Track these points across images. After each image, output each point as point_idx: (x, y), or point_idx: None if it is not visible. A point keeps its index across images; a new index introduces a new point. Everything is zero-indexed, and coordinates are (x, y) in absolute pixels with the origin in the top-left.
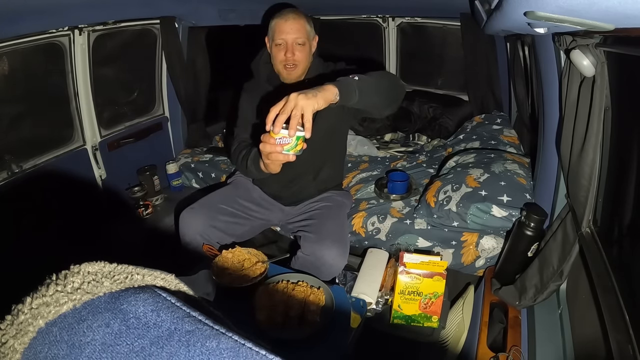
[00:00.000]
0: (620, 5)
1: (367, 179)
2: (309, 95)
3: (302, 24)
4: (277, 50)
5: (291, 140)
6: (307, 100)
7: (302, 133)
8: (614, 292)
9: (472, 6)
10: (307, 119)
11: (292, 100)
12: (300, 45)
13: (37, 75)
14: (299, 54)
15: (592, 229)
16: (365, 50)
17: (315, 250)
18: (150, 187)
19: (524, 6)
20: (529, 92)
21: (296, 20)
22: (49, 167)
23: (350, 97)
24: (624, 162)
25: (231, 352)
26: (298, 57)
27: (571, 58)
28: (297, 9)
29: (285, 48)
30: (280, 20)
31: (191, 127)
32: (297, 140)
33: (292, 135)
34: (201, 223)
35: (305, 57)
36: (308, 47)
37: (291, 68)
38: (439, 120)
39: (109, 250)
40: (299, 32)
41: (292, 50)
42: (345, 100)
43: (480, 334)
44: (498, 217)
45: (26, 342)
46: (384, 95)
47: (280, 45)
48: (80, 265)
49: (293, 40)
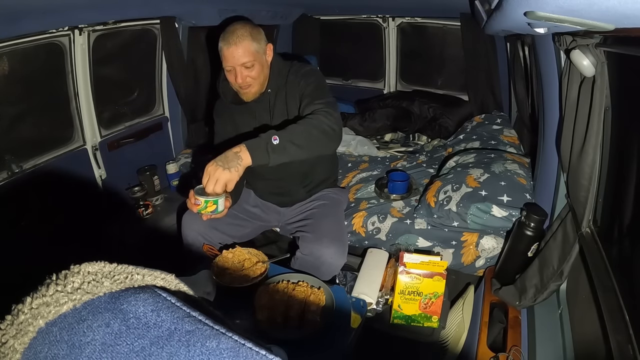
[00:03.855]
0: (620, 5)
1: (367, 179)
2: (232, 170)
3: (246, 46)
4: (229, 75)
5: (200, 202)
6: (231, 175)
7: (210, 198)
8: (614, 292)
9: (472, 6)
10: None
11: (212, 175)
12: (249, 68)
13: (37, 75)
14: (250, 76)
15: (592, 229)
16: (365, 50)
17: (314, 250)
18: (150, 187)
19: (524, 6)
20: (529, 92)
21: (239, 45)
22: (49, 167)
23: (262, 160)
24: (624, 162)
25: (231, 352)
26: (250, 79)
27: (571, 58)
28: (242, 24)
29: (234, 74)
30: (224, 46)
31: (191, 127)
32: (206, 203)
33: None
34: (203, 225)
35: (258, 75)
36: (258, 66)
37: (246, 88)
38: (439, 120)
39: (109, 250)
40: (244, 56)
41: (242, 74)
42: (257, 164)
43: (480, 334)
44: (498, 217)
45: (26, 342)
46: (307, 151)
47: (230, 71)
48: (80, 265)
49: (241, 65)
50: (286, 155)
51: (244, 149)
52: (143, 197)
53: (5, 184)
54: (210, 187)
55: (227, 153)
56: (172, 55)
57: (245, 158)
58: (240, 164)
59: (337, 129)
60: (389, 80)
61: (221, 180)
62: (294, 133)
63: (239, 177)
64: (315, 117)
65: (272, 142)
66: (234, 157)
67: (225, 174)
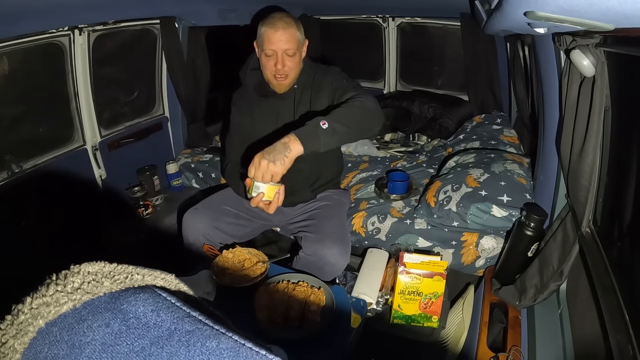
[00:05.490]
0: (620, 5)
1: (367, 179)
2: (277, 163)
3: (292, 33)
4: (267, 60)
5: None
6: (276, 168)
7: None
8: (614, 292)
9: (472, 6)
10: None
11: (262, 168)
12: (291, 56)
13: (37, 75)
14: (289, 64)
15: (592, 229)
16: (365, 50)
17: (317, 250)
18: (150, 187)
19: (524, 6)
20: (529, 92)
21: (286, 30)
22: (49, 167)
23: (314, 146)
24: (623, 162)
25: (231, 352)
26: (288, 68)
27: (571, 58)
28: (286, 14)
29: (275, 59)
30: (270, 29)
31: (191, 127)
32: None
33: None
34: (204, 224)
35: (296, 66)
36: (298, 56)
37: (282, 78)
38: (439, 120)
39: (109, 250)
40: (289, 42)
41: (283, 61)
42: (309, 150)
43: (480, 334)
44: (498, 217)
45: (26, 342)
46: (355, 130)
47: (271, 56)
48: (80, 265)
49: (283, 52)
50: (336, 137)
51: (294, 138)
52: (143, 197)
53: (5, 184)
54: (258, 177)
55: (275, 144)
56: (172, 55)
57: (294, 148)
58: (288, 155)
59: (379, 109)
60: (389, 80)
61: (267, 172)
62: (341, 115)
63: (285, 170)
64: (356, 100)
65: (321, 127)
66: (282, 148)
67: (271, 167)
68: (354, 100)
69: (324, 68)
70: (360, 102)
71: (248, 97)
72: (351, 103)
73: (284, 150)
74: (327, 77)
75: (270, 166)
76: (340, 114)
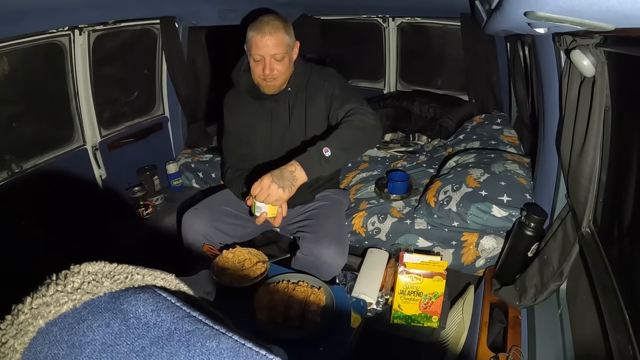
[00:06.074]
0: (620, 5)
1: (367, 179)
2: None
3: (279, 37)
4: (255, 65)
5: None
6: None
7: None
8: (614, 292)
9: (472, 6)
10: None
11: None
12: (279, 61)
13: (37, 75)
14: (278, 68)
15: (592, 229)
16: (365, 50)
17: (314, 250)
18: (150, 187)
19: (524, 6)
20: (529, 92)
21: (273, 35)
22: (49, 167)
23: (317, 173)
24: (623, 162)
25: (231, 352)
26: (277, 72)
27: (571, 58)
28: (275, 16)
29: (263, 64)
30: (257, 34)
31: (191, 127)
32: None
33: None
34: (204, 224)
35: (285, 69)
36: (288, 59)
37: (270, 81)
38: (439, 120)
39: (109, 250)
40: (276, 47)
41: (271, 66)
42: (312, 177)
43: (480, 334)
44: (498, 217)
45: (26, 342)
46: (356, 152)
47: (258, 61)
48: (80, 265)
49: (271, 56)
50: (338, 162)
51: (298, 167)
52: (143, 197)
53: (5, 184)
54: (260, 198)
55: (283, 170)
56: (172, 55)
57: (299, 176)
58: (294, 184)
59: (378, 124)
60: (389, 80)
61: (272, 196)
62: (342, 139)
63: (290, 196)
64: (355, 118)
65: (324, 155)
66: (290, 176)
67: (279, 192)
68: (353, 118)
69: (319, 69)
70: (360, 120)
71: (241, 99)
72: (351, 123)
73: (291, 178)
74: (323, 80)
75: (279, 192)
76: (342, 138)
